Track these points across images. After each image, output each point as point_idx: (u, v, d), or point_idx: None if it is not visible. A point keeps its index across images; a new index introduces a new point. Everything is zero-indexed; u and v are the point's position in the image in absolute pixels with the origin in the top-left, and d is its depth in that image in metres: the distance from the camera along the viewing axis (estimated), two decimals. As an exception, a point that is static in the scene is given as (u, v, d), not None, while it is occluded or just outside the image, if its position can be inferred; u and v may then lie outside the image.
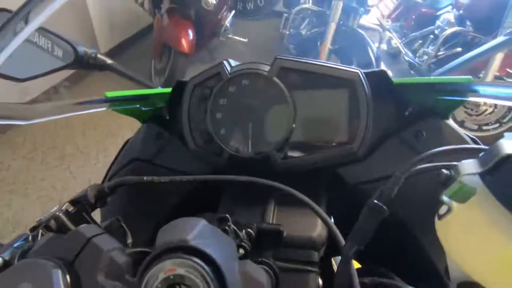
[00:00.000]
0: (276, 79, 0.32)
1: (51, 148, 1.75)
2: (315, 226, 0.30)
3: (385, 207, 0.19)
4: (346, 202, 0.34)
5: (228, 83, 0.34)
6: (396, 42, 3.32)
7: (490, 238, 0.15)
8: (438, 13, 3.04)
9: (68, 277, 0.18)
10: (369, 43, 2.16)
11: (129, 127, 0.41)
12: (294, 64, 0.32)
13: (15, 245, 0.26)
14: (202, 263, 0.16)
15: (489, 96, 0.29)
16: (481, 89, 0.29)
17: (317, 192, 0.33)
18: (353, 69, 0.32)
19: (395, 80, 0.34)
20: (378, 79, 0.33)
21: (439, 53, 2.66)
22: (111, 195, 0.31)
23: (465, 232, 0.17)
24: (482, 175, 0.15)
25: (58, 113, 0.31)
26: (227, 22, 2.25)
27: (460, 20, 2.68)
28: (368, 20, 2.67)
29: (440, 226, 0.18)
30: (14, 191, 1.52)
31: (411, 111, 0.35)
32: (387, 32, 3.46)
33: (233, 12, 2.31)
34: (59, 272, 0.18)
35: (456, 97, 0.31)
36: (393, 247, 0.30)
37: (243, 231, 0.25)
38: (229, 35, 2.27)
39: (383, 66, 3.26)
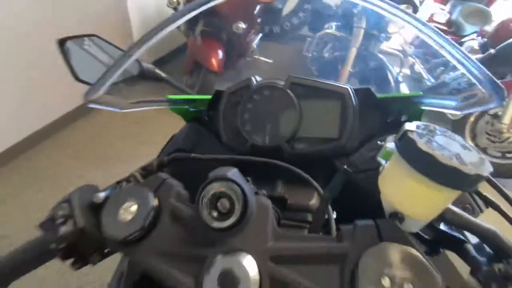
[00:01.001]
0: (288, 91, 0.45)
1: (92, 150, 1.97)
2: (312, 197, 0.41)
3: (350, 170, 0.31)
4: (341, 189, 0.45)
5: (254, 93, 0.47)
6: (418, 67, 3.38)
7: (402, 180, 0.26)
8: (462, 40, 3.08)
9: (156, 198, 0.31)
10: (389, 68, 2.26)
11: (160, 137, 0.54)
12: (301, 81, 0.45)
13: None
14: (235, 186, 0.28)
15: (434, 105, 0.39)
16: (427, 100, 0.40)
17: (316, 174, 0.44)
18: (345, 85, 0.44)
19: (379, 95, 0.45)
20: (365, 94, 0.45)
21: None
22: (167, 167, 0.45)
23: (390, 178, 0.28)
24: (395, 143, 0.27)
25: (134, 107, 0.46)
26: (254, 44, 2.45)
27: (484, 48, 2.72)
28: (390, 45, 2.77)
29: (380, 179, 0.29)
30: (57, 184, 1.72)
31: (392, 119, 0.46)
32: (410, 58, 3.52)
33: (260, 35, 2.51)
34: (152, 193, 0.31)
35: (416, 107, 0.42)
36: (360, 209, 0.41)
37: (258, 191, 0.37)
38: (255, 56, 2.46)
39: (405, 90, 3.31)
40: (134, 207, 0.30)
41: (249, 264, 0.25)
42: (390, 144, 0.27)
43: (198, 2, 0.44)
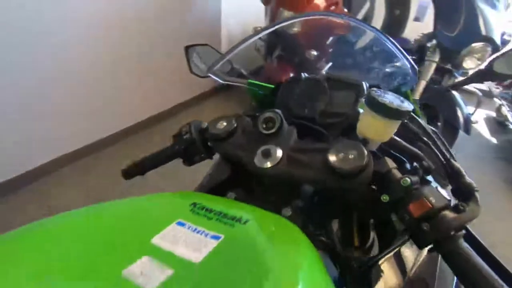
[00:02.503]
0: (323, 82, 0.71)
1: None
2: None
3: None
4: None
5: (301, 82, 0.74)
6: (505, 110, 3.18)
7: (366, 117, 0.49)
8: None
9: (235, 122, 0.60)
10: (460, 104, 2.27)
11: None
12: (332, 76, 0.71)
13: None
14: (277, 114, 0.55)
15: (405, 89, 0.60)
16: (404, 88, 0.61)
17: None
18: (361, 81, 0.68)
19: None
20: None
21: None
22: None
23: (361, 118, 0.51)
24: (365, 98, 0.50)
25: (231, 81, 0.78)
26: (324, 71, 2.73)
27: None
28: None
29: (358, 122, 0.52)
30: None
31: None
32: (495, 99, 3.34)
33: (330, 64, 2.79)
34: (233, 119, 0.60)
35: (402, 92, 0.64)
36: None
37: None
38: (322, 81, 2.74)
39: (487, 135, 3.13)
40: (224, 123, 0.59)
41: (278, 149, 0.51)
42: (363, 99, 0.51)
43: (271, 24, 0.74)
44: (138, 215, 0.39)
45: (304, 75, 0.75)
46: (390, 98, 0.47)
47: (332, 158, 0.44)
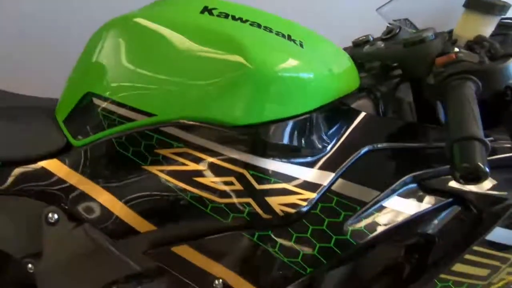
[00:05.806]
0: None
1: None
2: None
3: None
4: None
5: None
6: None
7: (461, 17, 0.61)
8: None
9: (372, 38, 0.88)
10: None
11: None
12: None
13: None
14: (395, 26, 0.78)
15: None
16: None
17: None
18: None
19: None
20: None
21: None
22: None
23: (458, 20, 0.61)
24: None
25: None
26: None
27: None
28: None
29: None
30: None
31: None
32: None
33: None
34: (370, 36, 0.88)
35: None
36: None
37: None
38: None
39: None
40: (364, 37, 0.83)
41: (382, 43, 0.63)
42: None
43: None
44: None
45: None
46: None
47: (404, 34, 0.56)
